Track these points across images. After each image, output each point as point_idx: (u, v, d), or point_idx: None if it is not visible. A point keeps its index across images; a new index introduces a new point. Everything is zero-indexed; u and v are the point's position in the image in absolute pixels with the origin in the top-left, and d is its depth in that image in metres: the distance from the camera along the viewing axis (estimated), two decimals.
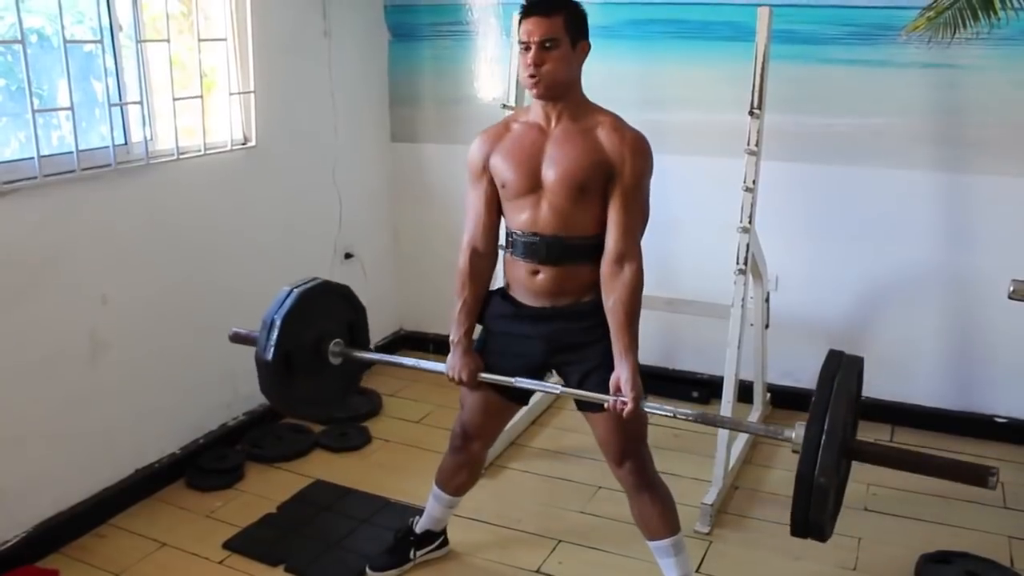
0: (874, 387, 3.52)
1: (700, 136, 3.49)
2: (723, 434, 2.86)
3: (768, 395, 3.59)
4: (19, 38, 2.39)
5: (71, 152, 2.60)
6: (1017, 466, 3.18)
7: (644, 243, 2.14)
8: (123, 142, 2.84)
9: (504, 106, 3.09)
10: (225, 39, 3.16)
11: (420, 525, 2.60)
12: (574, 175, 2.06)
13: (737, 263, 2.84)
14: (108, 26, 2.74)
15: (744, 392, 3.24)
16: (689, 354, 3.77)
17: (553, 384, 2.21)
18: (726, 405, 2.84)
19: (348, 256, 3.90)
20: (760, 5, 2.80)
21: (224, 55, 3.16)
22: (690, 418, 2.07)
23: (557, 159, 2.08)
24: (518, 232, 2.15)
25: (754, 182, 2.81)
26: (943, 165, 3.22)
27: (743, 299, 2.85)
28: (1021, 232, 3.14)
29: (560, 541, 2.74)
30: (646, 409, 2.05)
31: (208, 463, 3.11)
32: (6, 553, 2.52)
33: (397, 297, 4.32)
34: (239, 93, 3.22)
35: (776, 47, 2.85)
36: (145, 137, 2.89)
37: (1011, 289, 2.19)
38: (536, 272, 2.15)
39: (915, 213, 3.30)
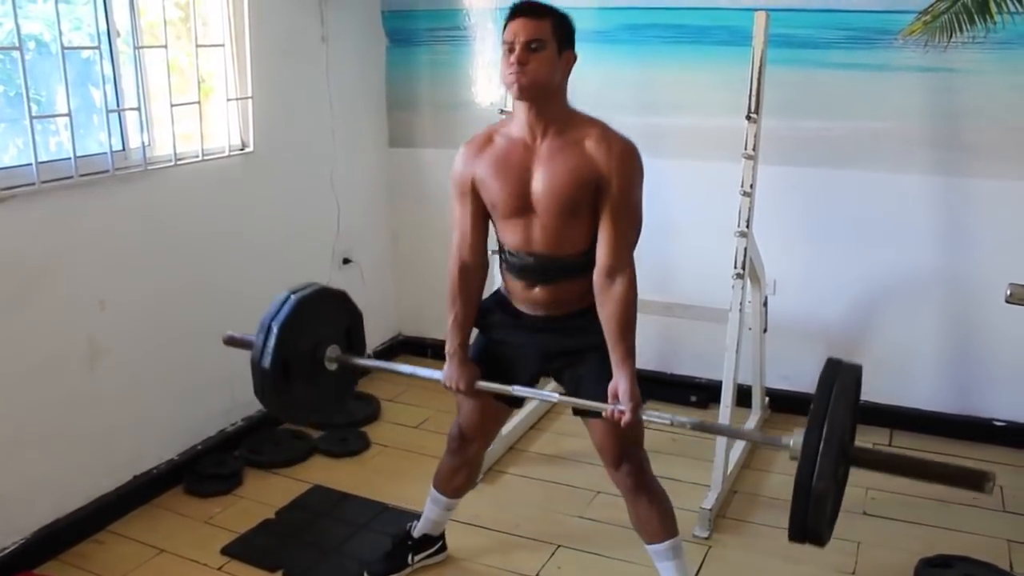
0: (872, 391, 3.51)
1: (697, 140, 3.50)
2: (721, 438, 2.85)
3: (767, 399, 3.59)
4: (17, 44, 2.39)
5: (69, 158, 2.60)
6: (1016, 469, 3.18)
7: (641, 247, 2.14)
8: (121, 148, 2.84)
9: (502, 111, 3.09)
10: (223, 45, 3.16)
11: (418, 529, 2.60)
12: (563, 195, 2.04)
13: (735, 267, 2.84)
14: (106, 32, 2.74)
15: (742, 396, 3.24)
16: (687, 358, 3.77)
17: (550, 392, 2.22)
18: (724, 409, 2.84)
19: (346, 261, 3.90)
20: (757, 10, 2.80)
21: (222, 61, 3.17)
22: (687, 426, 2.08)
23: (545, 179, 2.05)
24: (511, 251, 2.16)
25: (752, 186, 2.81)
26: (940, 169, 3.22)
27: (741, 303, 2.85)
28: (1018, 235, 3.15)
29: (559, 546, 2.73)
30: (644, 418, 2.05)
31: (206, 469, 3.10)
32: (4, 560, 2.51)
33: (396, 302, 4.32)
34: (237, 99, 3.22)
35: (773, 51, 2.86)
36: (143, 143, 2.89)
37: (1008, 293, 2.19)
38: (532, 286, 2.17)
39: (913, 217, 3.30)
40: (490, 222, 2.22)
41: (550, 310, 2.19)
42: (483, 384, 2.23)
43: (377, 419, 3.64)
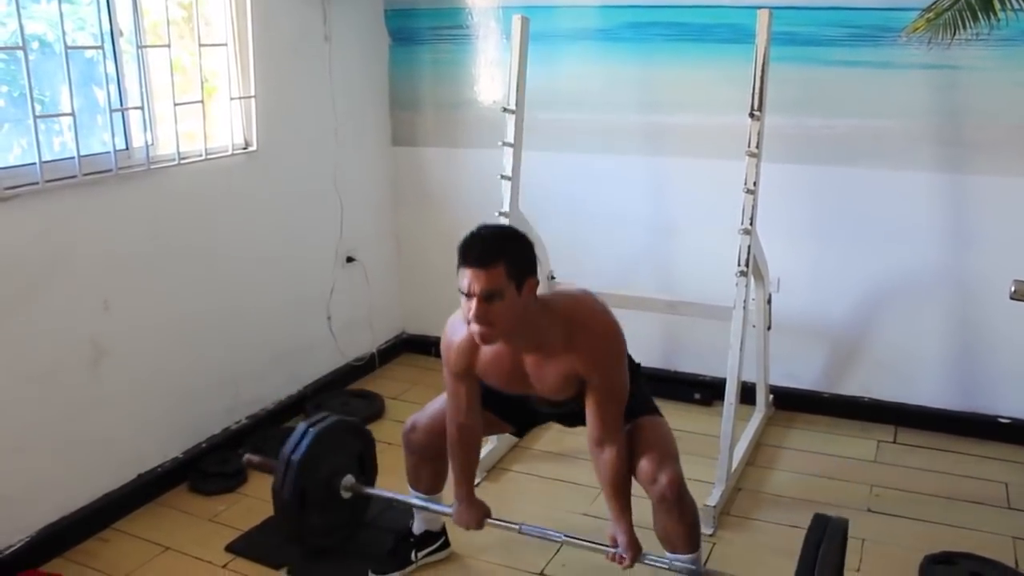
0: (877, 389, 3.54)
1: (701, 138, 3.49)
2: (726, 436, 2.85)
3: (771, 396, 3.59)
4: (21, 44, 2.40)
5: (73, 158, 2.61)
6: (1021, 466, 3.17)
7: (646, 245, 2.16)
8: (124, 147, 2.85)
9: (505, 109, 3.09)
10: (226, 44, 3.17)
11: (416, 526, 2.62)
12: (558, 393, 2.19)
13: (739, 265, 2.84)
14: (109, 32, 2.75)
15: (746, 394, 3.24)
16: (691, 356, 3.77)
17: (556, 532, 2.37)
18: (728, 407, 2.84)
19: (350, 260, 3.91)
20: (760, 7, 2.80)
21: (225, 60, 3.17)
22: (684, 572, 2.24)
23: (538, 384, 2.18)
24: None
25: (755, 184, 2.81)
26: (944, 166, 3.21)
27: (745, 301, 2.84)
28: (1022, 232, 3.14)
29: (563, 543, 2.73)
30: (646, 563, 2.21)
31: (211, 467, 3.11)
32: (10, 558, 2.52)
33: (399, 300, 4.32)
34: (240, 98, 3.23)
35: (776, 49, 2.85)
36: (146, 142, 2.89)
37: (1012, 289, 2.19)
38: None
39: (916, 214, 3.30)
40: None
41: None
42: (492, 521, 2.42)
43: (381, 417, 3.64)
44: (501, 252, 1.96)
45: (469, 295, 1.96)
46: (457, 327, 2.22)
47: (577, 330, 2.09)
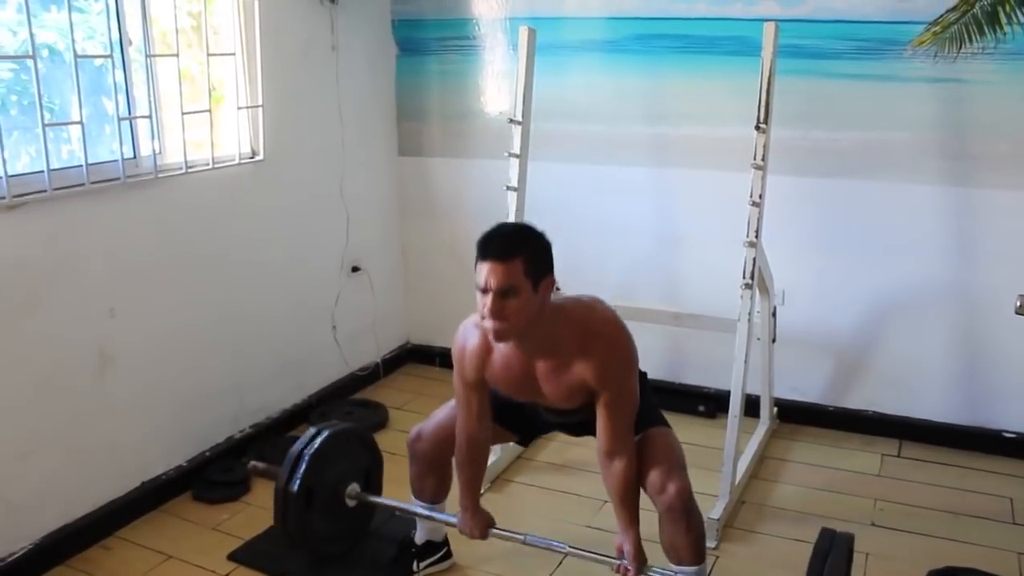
0: (882, 402, 3.53)
1: (706, 150, 3.50)
2: (730, 448, 2.85)
3: (775, 409, 3.58)
4: (31, 53, 2.41)
5: (81, 166, 2.62)
6: None
7: (651, 257, 2.16)
8: (132, 156, 2.86)
9: (511, 120, 3.10)
10: (234, 53, 3.19)
11: (419, 536, 2.62)
12: (568, 402, 2.19)
13: (744, 277, 2.84)
14: (119, 41, 2.76)
15: (751, 406, 3.24)
16: (696, 368, 3.76)
17: (560, 543, 2.37)
18: (732, 420, 2.84)
19: (355, 269, 3.91)
20: (766, 20, 2.81)
21: (233, 69, 3.19)
22: None
23: (549, 392, 2.17)
24: None
25: (761, 196, 2.81)
26: (950, 179, 3.21)
27: (750, 313, 2.84)
28: None
29: (566, 555, 2.72)
30: (651, 574, 2.20)
31: (214, 475, 3.11)
32: (12, 565, 2.52)
33: (404, 310, 4.33)
34: (247, 107, 3.24)
35: (782, 62, 2.86)
36: (154, 151, 2.90)
37: (1018, 304, 2.19)
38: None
39: (922, 227, 3.29)
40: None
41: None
42: (496, 531, 2.42)
43: (385, 427, 3.64)
44: (520, 248, 1.98)
45: (485, 290, 1.95)
46: (469, 333, 2.21)
47: (590, 338, 2.08)
